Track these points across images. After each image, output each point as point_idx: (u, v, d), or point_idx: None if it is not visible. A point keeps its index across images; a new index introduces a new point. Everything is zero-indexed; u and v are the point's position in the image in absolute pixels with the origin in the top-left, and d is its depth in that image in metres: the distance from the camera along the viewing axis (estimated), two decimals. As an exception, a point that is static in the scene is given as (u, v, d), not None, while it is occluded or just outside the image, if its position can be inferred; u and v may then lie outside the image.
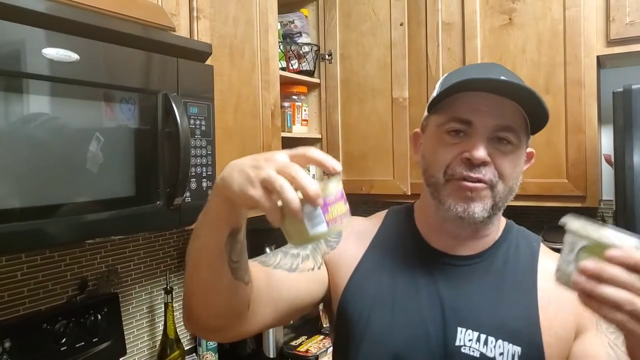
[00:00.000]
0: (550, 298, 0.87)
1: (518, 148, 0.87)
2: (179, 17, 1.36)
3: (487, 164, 0.84)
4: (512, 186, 0.88)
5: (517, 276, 0.91)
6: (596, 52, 1.74)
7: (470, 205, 0.85)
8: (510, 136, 0.85)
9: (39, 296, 1.43)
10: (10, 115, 0.93)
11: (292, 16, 2.14)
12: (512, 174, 0.87)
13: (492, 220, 0.90)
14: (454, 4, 1.99)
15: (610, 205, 1.91)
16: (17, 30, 0.92)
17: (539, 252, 0.95)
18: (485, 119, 0.85)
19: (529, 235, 1.00)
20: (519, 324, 0.86)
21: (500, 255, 0.93)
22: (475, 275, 0.91)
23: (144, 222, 1.18)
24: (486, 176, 0.84)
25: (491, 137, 0.85)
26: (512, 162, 0.86)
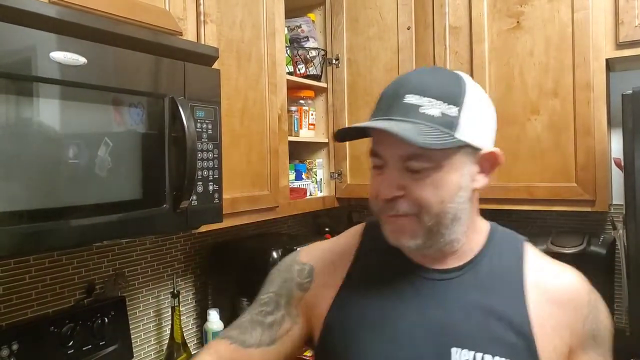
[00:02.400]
0: (544, 312, 0.83)
1: (438, 169, 0.79)
2: (186, 21, 1.37)
3: (400, 197, 0.80)
4: (441, 211, 0.80)
5: (503, 286, 0.85)
6: (605, 55, 1.73)
7: (400, 238, 0.83)
8: (422, 163, 0.78)
9: (46, 299, 1.43)
10: (18, 118, 0.94)
11: (299, 21, 2.14)
12: (435, 200, 0.79)
13: (446, 239, 0.84)
14: (461, 8, 1.98)
15: (620, 210, 1.89)
16: (26, 34, 0.93)
17: (524, 257, 0.89)
18: (392, 149, 0.80)
19: (514, 239, 0.94)
20: (514, 338, 0.81)
21: (484, 265, 0.87)
22: (460, 288, 0.85)
23: (150, 225, 1.18)
24: (401, 211, 0.80)
25: (402, 167, 0.80)
26: (431, 186, 0.79)
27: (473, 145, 0.81)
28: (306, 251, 1.01)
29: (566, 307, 0.84)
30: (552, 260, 0.92)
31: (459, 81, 0.82)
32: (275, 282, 0.98)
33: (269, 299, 0.97)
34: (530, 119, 1.86)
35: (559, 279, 0.87)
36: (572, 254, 1.80)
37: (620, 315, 1.94)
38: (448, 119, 0.78)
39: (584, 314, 0.85)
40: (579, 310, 0.85)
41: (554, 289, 0.85)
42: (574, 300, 0.85)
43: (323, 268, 0.95)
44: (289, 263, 1.00)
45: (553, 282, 0.86)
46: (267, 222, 2.22)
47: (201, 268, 1.94)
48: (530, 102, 1.86)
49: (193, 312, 1.92)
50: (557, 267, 0.90)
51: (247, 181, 1.63)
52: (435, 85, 0.80)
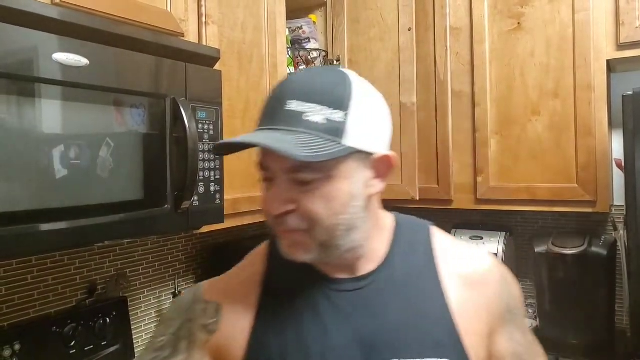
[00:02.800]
0: (459, 296, 0.81)
1: (327, 179, 0.73)
2: (187, 22, 1.37)
3: (290, 212, 0.74)
4: (333, 224, 0.75)
5: (420, 280, 0.82)
6: (606, 56, 1.74)
7: (294, 253, 0.77)
8: (308, 174, 0.72)
9: (48, 299, 1.44)
10: (20, 119, 0.94)
11: (300, 22, 2.15)
12: (325, 213, 0.74)
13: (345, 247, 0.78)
14: (462, 9, 1.99)
15: (621, 211, 1.89)
16: (28, 35, 0.94)
17: (432, 244, 0.86)
18: (278, 161, 0.73)
19: (418, 226, 0.90)
20: (439, 335, 0.78)
21: (398, 263, 0.83)
22: (379, 294, 0.80)
23: (151, 225, 1.19)
24: (291, 226, 0.75)
25: (291, 179, 0.74)
26: (321, 199, 0.73)
27: (364, 150, 0.75)
28: (209, 286, 0.90)
29: (481, 287, 0.83)
30: (459, 243, 0.91)
31: (345, 82, 0.75)
32: (174, 324, 0.87)
33: (166, 343, 0.86)
34: (531, 119, 1.86)
35: (469, 261, 0.86)
36: (573, 254, 1.81)
37: (621, 315, 1.94)
38: (334, 125, 0.72)
39: (498, 291, 0.84)
40: (493, 288, 0.84)
41: (467, 272, 0.84)
42: (487, 279, 0.84)
43: (232, 303, 0.85)
44: (190, 302, 0.88)
45: (465, 265, 0.85)
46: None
47: (202, 269, 1.94)
48: (531, 103, 1.86)
49: (194, 312, 1.92)
50: (466, 249, 0.89)
51: (249, 182, 1.63)
52: (320, 88, 0.74)
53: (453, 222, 2.25)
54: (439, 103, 2.05)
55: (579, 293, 1.84)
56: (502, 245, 2.04)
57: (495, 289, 0.84)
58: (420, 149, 2.01)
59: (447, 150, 2.03)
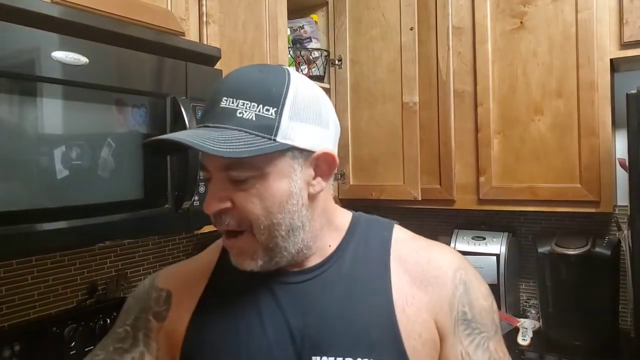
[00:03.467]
0: (407, 296, 0.77)
1: (262, 176, 0.72)
2: (188, 22, 1.37)
3: (227, 209, 0.73)
4: (270, 223, 0.73)
5: (368, 277, 0.79)
6: (609, 55, 1.72)
7: (243, 262, 0.75)
8: (242, 171, 0.71)
9: (48, 300, 1.43)
10: (21, 117, 0.93)
11: (302, 21, 2.14)
12: (261, 212, 0.72)
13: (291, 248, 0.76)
14: (464, 8, 1.98)
15: (625, 211, 1.88)
16: (28, 33, 0.93)
17: (391, 241, 0.83)
18: (213, 160, 0.73)
19: (380, 224, 0.86)
20: (379, 333, 0.75)
21: (348, 257, 0.81)
22: (321, 288, 0.78)
23: (151, 225, 1.18)
24: (230, 225, 0.74)
25: (226, 177, 0.73)
26: (256, 197, 0.72)
27: (300, 147, 0.73)
28: (165, 274, 0.90)
29: (428, 286, 0.78)
30: (421, 241, 0.85)
31: (280, 79, 0.74)
32: (132, 313, 0.87)
33: (126, 334, 0.85)
34: (534, 119, 1.85)
35: (424, 257, 0.81)
36: (576, 255, 1.80)
37: (625, 316, 1.93)
38: (265, 122, 0.71)
39: (448, 292, 0.78)
40: (442, 288, 0.78)
41: (418, 269, 0.79)
42: (437, 277, 0.79)
43: (181, 292, 0.85)
44: (147, 289, 0.88)
45: (418, 262, 0.80)
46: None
47: (204, 269, 1.94)
48: (534, 103, 1.85)
49: (196, 313, 1.91)
50: (426, 246, 0.84)
51: (250, 182, 1.63)
52: (253, 85, 0.73)
53: (455, 222, 2.24)
54: (441, 103, 2.04)
55: (582, 294, 1.82)
56: (504, 246, 2.03)
57: (445, 291, 0.78)
58: (422, 149, 2.00)
59: (450, 150, 2.02)
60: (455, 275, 0.80)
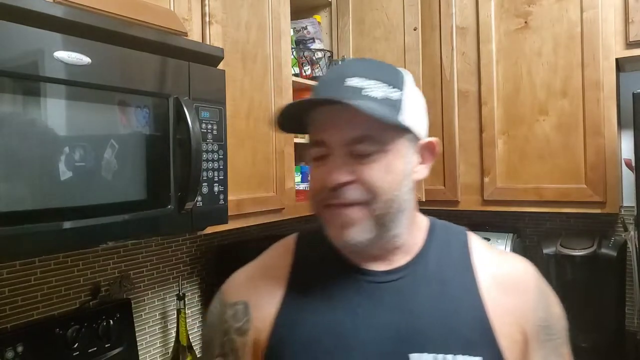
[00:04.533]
0: (494, 298, 0.79)
1: (386, 152, 0.75)
2: (191, 22, 1.36)
3: (349, 183, 0.75)
4: (392, 197, 0.76)
5: (455, 277, 0.81)
6: (615, 54, 1.71)
7: (346, 232, 0.76)
8: (368, 146, 0.74)
9: (52, 301, 1.43)
10: (23, 117, 0.93)
11: (305, 22, 2.14)
12: (386, 184, 0.75)
13: (393, 232, 0.79)
14: (468, 8, 1.97)
15: (631, 211, 1.86)
16: (30, 33, 0.93)
17: (469, 245, 0.86)
18: (336, 134, 0.75)
19: (455, 229, 0.90)
20: (473, 331, 0.76)
21: (432, 259, 0.83)
22: (411, 287, 0.80)
23: (154, 226, 1.18)
24: (351, 197, 0.75)
25: (349, 152, 0.75)
26: (380, 170, 0.75)
27: (415, 132, 0.78)
28: (232, 287, 0.90)
29: (513, 292, 0.81)
30: (496, 248, 0.91)
31: (396, 69, 0.80)
32: (216, 342, 0.87)
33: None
34: (539, 119, 1.84)
35: (505, 263, 0.85)
36: (582, 256, 1.78)
37: (631, 318, 1.91)
38: (391, 102, 0.75)
39: (531, 299, 0.81)
40: (526, 295, 0.81)
41: (502, 274, 0.82)
42: (520, 285, 0.82)
43: (258, 298, 0.85)
44: (220, 310, 0.88)
45: (500, 267, 0.84)
46: (273, 225, 2.21)
47: (207, 270, 1.93)
48: (538, 103, 1.84)
49: (199, 314, 1.91)
50: (503, 253, 0.90)
51: (253, 183, 1.62)
52: (376, 69, 0.78)
53: (460, 223, 2.21)
54: (445, 103, 2.03)
55: (588, 295, 1.81)
56: (509, 247, 2.01)
57: (528, 297, 0.81)
58: (426, 149, 1.98)
59: (454, 151, 2.01)
60: (536, 283, 0.84)
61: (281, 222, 2.22)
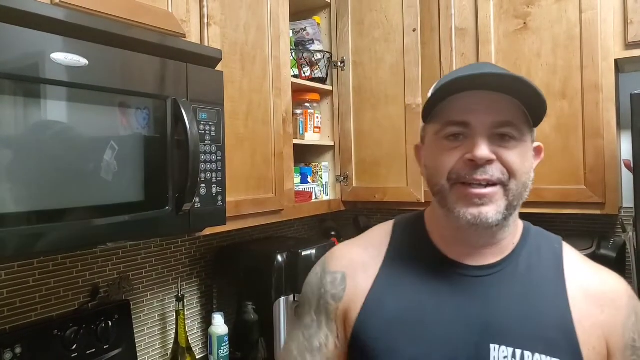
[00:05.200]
0: (582, 309, 0.81)
1: (522, 142, 0.82)
2: (189, 23, 1.37)
3: (492, 162, 0.79)
4: (524, 182, 0.82)
5: (544, 281, 0.84)
6: (614, 55, 1.71)
7: (482, 209, 0.80)
8: (512, 131, 0.80)
9: (50, 302, 1.43)
10: (19, 119, 0.93)
11: (304, 23, 2.14)
12: (522, 168, 0.81)
13: (508, 221, 0.84)
14: (467, 9, 1.97)
15: (631, 213, 1.86)
16: (27, 35, 0.93)
17: (563, 254, 0.88)
18: (482, 117, 0.80)
19: (549, 236, 0.93)
20: (555, 334, 0.79)
21: (522, 260, 0.86)
22: (500, 284, 0.84)
23: (152, 227, 1.18)
24: (494, 176, 0.79)
25: (491, 134, 0.80)
26: (519, 156, 0.81)
27: (534, 133, 0.86)
28: (335, 257, 0.97)
29: (605, 306, 0.82)
30: (591, 261, 0.91)
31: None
32: (313, 300, 0.94)
33: (311, 321, 0.93)
34: (538, 120, 1.84)
35: (598, 277, 0.86)
36: (581, 257, 1.78)
37: (631, 319, 1.91)
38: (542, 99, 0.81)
39: (623, 315, 0.82)
40: (617, 311, 0.82)
41: (594, 287, 0.83)
42: (613, 301, 0.83)
43: (354, 271, 0.92)
44: (320, 275, 0.96)
45: (593, 280, 0.85)
46: (272, 226, 2.21)
47: (206, 272, 1.93)
48: (537, 104, 1.84)
49: (198, 316, 1.91)
50: (597, 267, 0.89)
51: (252, 184, 1.62)
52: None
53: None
54: (444, 104, 2.02)
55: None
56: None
57: (620, 314, 0.82)
58: (425, 150, 1.98)
59: (453, 152, 2.00)
60: (629, 302, 0.84)
61: (281, 223, 2.23)
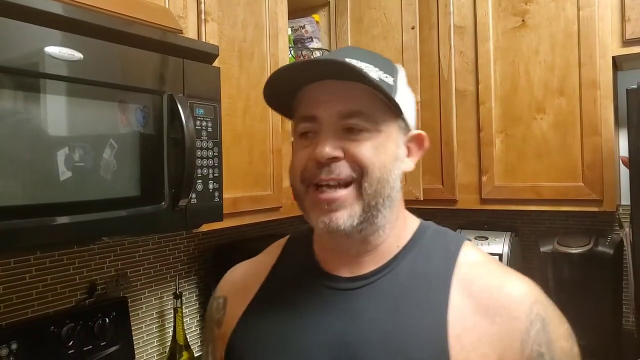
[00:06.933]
0: (466, 322, 0.70)
1: (377, 132, 0.73)
2: (186, 19, 1.36)
3: (339, 159, 0.72)
4: (380, 177, 0.73)
5: (422, 291, 0.74)
6: (611, 52, 1.71)
7: (333, 215, 0.72)
8: (361, 122, 0.72)
9: (47, 299, 1.43)
10: (13, 112, 0.93)
11: (303, 21, 2.14)
12: (376, 162, 0.72)
13: (377, 224, 0.76)
14: (466, 7, 1.97)
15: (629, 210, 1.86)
16: (21, 28, 0.92)
17: (458, 257, 0.77)
18: (329, 108, 0.73)
19: (449, 238, 0.82)
20: (419, 353, 0.69)
21: (404, 268, 0.77)
22: (371, 297, 0.75)
23: (148, 222, 1.17)
24: (342, 173, 0.72)
25: (340, 128, 0.73)
26: (372, 148, 0.73)
27: (406, 119, 0.77)
28: (223, 280, 0.93)
29: (496, 315, 0.70)
30: (495, 263, 0.79)
31: (390, 61, 0.81)
32: (206, 330, 0.93)
33: (204, 350, 0.93)
34: (536, 117, 1.84)
35: (496, 283, 0.73)
36: (579, 254, 1.78)
37: (628, 316, 1.91)
38: (386, 84, 0.74)
39: (521, 327, 0.70)
40: (513, 322, 0.70)
41: (486, 295, 0.72)
42: (508, 309, 0.70)
43: (235, 294, 0.87)
44: (211, 302, 0.92)
45: (487, 287, 0.73)
46: (271, 224, 2.21)
47: (205, 269, 1.93)
48: (536, 101, 1.84)
49: (196, 313, 1.90)
50: (502, 272, 0.77)
51: (250, 181, 1.62)
52: (372, 57, 0.78)
53: (458, 222, 2.23)
54: (443, 102, 2.02)
55: (585, 293, 1.80)
56: (507, 246, 2.01)
57: (517, 325, 0.70)
58: (423, 148, 1.98)
59: (452, 150, 2.01)
60: (531, 308, 0.71)
61: (279, 220, 2.22)
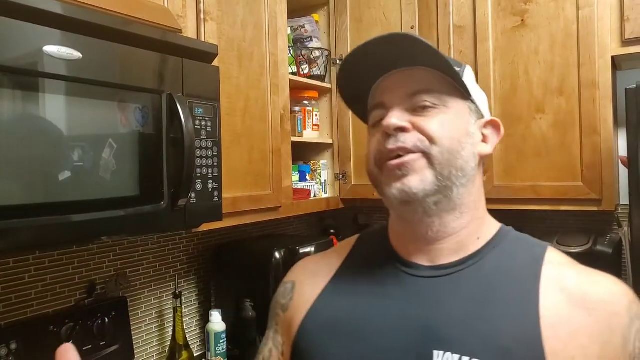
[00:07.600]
0: (561, 314, 0.70)
1: (445, 108, 0.75)
2: (185, 19, 1.37)
3: (406, 130, 0.74)
4: (450, 147, 0.74)
5: (510, 284, 0.74)
6: (611, 52, 1.71)
7: (404, 180, 0.73)
8: (428, 98, 0.75)
9: (46, 299, 1.43)
10: (11, 111, 0.93)
11: (302, 21, 2.14)
12: (444, 134, 0.74)
13: (454, 200, 0.76)
14: (465, 7, 1.97)
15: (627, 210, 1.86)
16: (20, 27, 0.93)
17: (544, 257, 0.77)
18: (398, 90, 0.77)
19: (532, 243, 0.83)
20: (510, 342, 0.69)
21: (489, 262, 0.78)
22: (456, 286, 0.76)
23: (147, 222, 1.17)
24: (408, 143, 0.73)
25: (409, 106, 0.76)
26: (440, 123, 0.74)
27: (476, 103, 0.79)
28: (295, 268, 0.96)
29: (593, 310, 0.70)
30: (584, 266, 0.78)
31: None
32: (271, 312, 0.93)
33: (266, 334, 0.93)
34: (536, 117, 1.84)
35: (589, 279, 0.74)
36: (578, 253, 1.78)
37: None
38: (454, 63, 0.77)
39: (623, 324, 0.69)
40: (614, 318, 0.69)
41: (581, 289, 0.72)
42: (606, 304, 0.70)
43: (305, 280, 0.89)
44: (278, 288, 0.94)
45: (581, 281, 0.73)
46: (271, 224, 2.21)
47: (204, 269, 1.93)
48: (535, 101, 1.84)
49: (195, 313, 1.91)
50: (591, 270, 0.76)
51: (249, 181, 1.62)
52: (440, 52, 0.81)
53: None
54: (442, 102, 2.02)
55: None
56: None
57: (618, 320, 0.69)
58: (423, 148, 1.98)
59: (451, 150, 2.00)
60: (630, 306, 0.71)
61: (280, 221, 2.23)
